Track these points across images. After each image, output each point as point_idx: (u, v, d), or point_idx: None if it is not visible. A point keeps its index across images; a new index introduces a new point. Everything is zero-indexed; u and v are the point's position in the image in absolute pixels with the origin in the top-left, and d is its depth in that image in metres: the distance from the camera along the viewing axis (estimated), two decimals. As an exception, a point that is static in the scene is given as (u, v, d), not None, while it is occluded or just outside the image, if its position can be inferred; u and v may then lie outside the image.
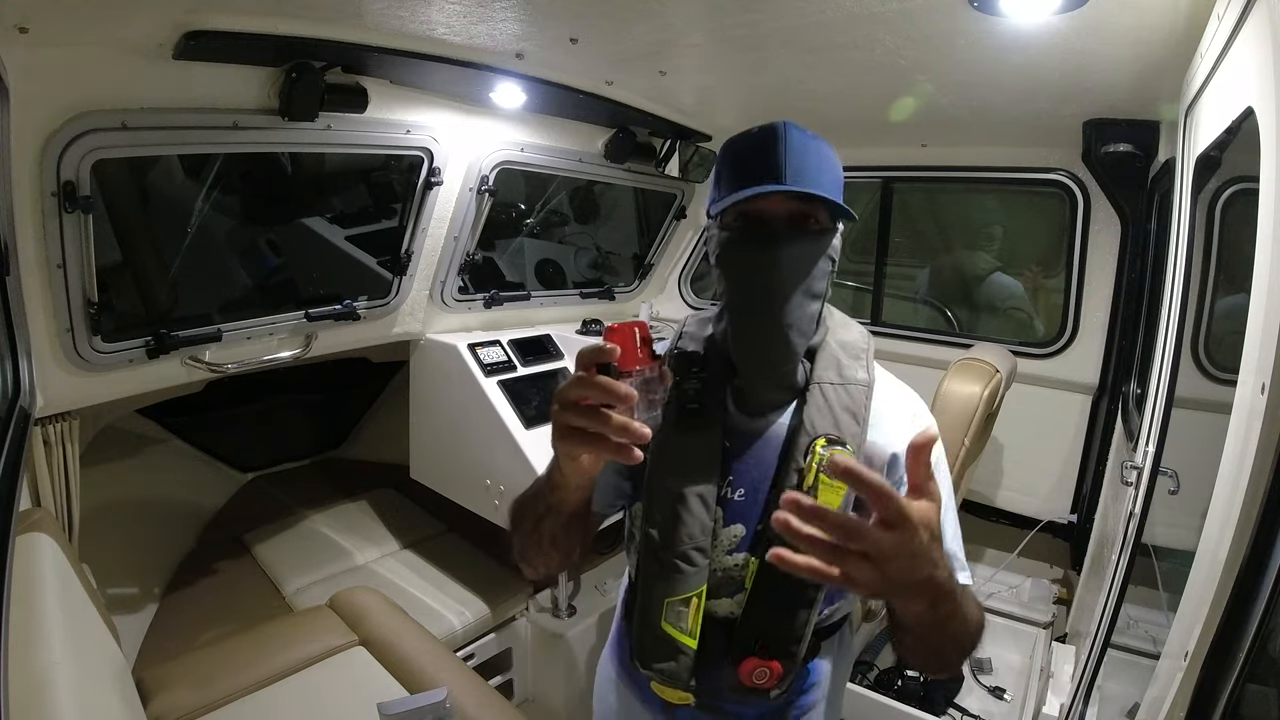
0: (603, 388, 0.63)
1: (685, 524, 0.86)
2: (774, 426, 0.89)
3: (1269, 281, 0.72)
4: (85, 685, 1.03)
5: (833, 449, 0.83)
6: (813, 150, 0.82)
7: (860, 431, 0.86)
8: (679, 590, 0.87)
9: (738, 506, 0.88)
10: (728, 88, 2.11)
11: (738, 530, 0.88)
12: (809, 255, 0.82)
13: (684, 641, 0.87)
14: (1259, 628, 0.63)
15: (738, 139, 0.85)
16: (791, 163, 0.79)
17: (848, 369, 0.90)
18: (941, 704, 2.04)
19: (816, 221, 0.83)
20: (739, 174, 0.81)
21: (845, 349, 0.92)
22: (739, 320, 0.87)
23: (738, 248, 0.84)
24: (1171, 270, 1.45)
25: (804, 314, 0.85)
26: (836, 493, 0.82)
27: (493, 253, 3.09)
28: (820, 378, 0.89)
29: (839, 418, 0.86)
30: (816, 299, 0.86)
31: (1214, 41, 1.06)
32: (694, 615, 0.87)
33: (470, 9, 1.40)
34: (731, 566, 0.88)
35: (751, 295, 0.85)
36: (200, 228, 2.42)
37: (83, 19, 1.26)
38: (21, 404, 1.36)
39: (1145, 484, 1.37)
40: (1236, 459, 0.74)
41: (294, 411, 3.18)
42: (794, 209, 0.81)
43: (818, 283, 0.85)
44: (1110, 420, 2.37)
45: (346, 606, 1.86)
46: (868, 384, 0.90)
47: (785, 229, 0.81)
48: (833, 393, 0.88)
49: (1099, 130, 2.07)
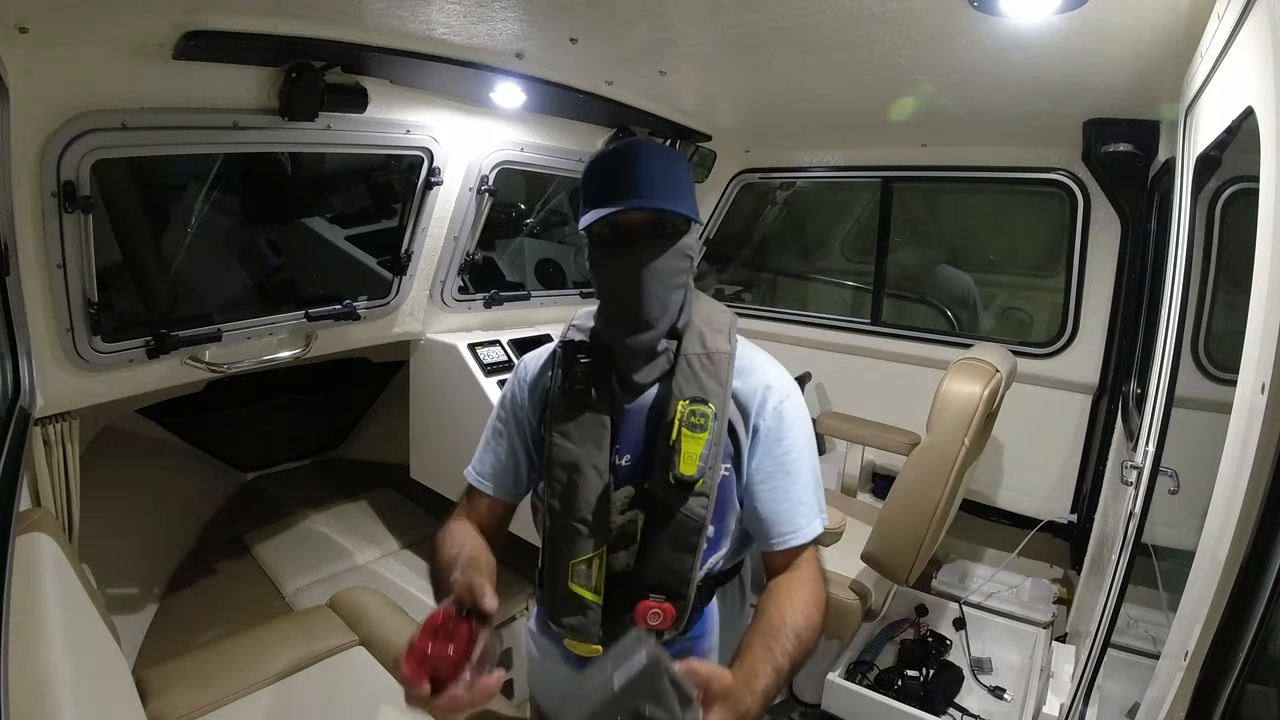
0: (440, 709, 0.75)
1: (582, 491, 0.99)
2: (651, 398, 1.02)
3: (1269, 281, 0.72)
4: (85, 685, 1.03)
5: (695, 405, 0.96)
6: (662, 164, 0.96)
7: (722, 390, 0.98)
8: (581, 552, 0.99)
9: (626, 470, 1.01)
10: (728, 88, 2.11)
11: (628, 491, 1.01)
12: (664, 255, 0.96)
13: (589, 598, 0.99)
14: (1259, 628, 0.63)
15: (599, 160, 0.99)
16: (644, 178, 0.94)
17: (710, 340, 1.02)
18: (941, 704, 2.04)
19: (671, 226, 0.97)
20: (602, 192, 0.95)
21: (708, 324, 1.04)
22: (611, 315, 1.03)
23: (606, 255, 0.99)
24: (1171, 270, 1.45)
25: (665, 304, 0.98)
26: (698, 442, 0.95)
27: (493, 253, 3.08)
28: (686, 350, 1.01)
29: (703, 381, 0.99)
30: (677, 289, 1.00)
31: (1214, 41, 1.06)
32: (597, 573, 0.99)
33: (470, 9, 1.40)
34: (625, 524, 1.00)
35: (620, 294, 0.99)
36: (200, 228, 2.42)
37: (83, 19, 1.26)
38: (21, 404, 1.36)
39: (1145, 484, 1.37)
40: (1236, 459, 0.74)
41: (294, 411, 3.18)
42: (649, 218, 0.96)
43: (676, 277, 0.99)
44: (1110, 420, 2.37)
45: (346, 606, 1.86)
46: (728, 351, 1.02)
47: (643, 236, 0.96)
48: (697, 361, 1.00)
49: (1099, 130, 2.07)
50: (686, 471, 0.94)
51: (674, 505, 0.96)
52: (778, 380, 1.04)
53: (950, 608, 2.49)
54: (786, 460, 1.01)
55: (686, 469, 0.94)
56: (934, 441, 1.85)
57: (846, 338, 3.02)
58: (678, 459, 0.94)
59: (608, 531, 1.00)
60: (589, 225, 0.96)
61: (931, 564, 2.68)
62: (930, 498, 1.81)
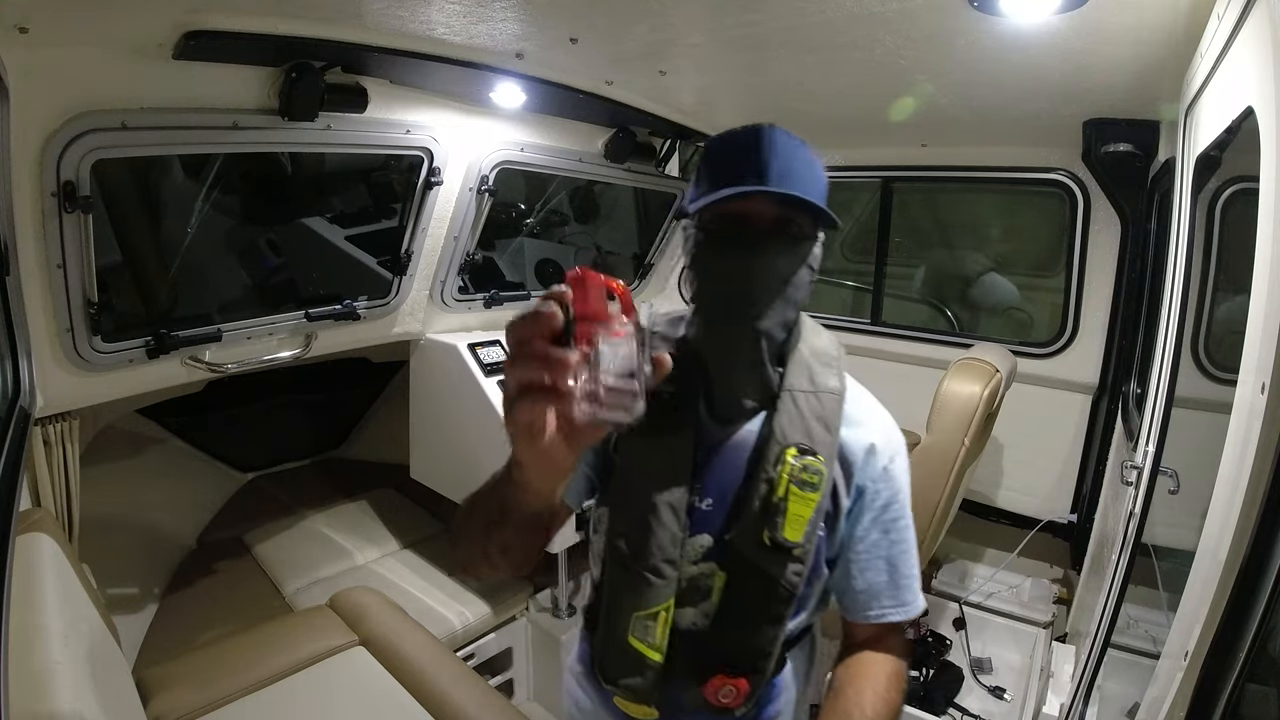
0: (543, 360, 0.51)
1: (655, 535, 0.83)
2: (743, 434, 0.87)
3: (1269, 281, 0.72)
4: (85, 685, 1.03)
5: (804, 459, 0.81)
6: (799, 155, 0.80)
7: (831, 440, 0.84)
8: (647, 604, 0.84)
9: (704, 515, 0.86)
10: (728, 88, 2.11)
11: (704, 540, 0.85)
12: (789, 261, 0.80)
13: (650, 656, 0.84)
14: (1259, 628, 0.63)
15: (721, 138, 0.83)
16: (776, 165, 0.77)
17: (819, 376, 0.87)
18: (941, 704, 2.04)
19: (798, 227, 0.80)
20: (721, 173, 0.79)
21: (817, 356, 0.89)
22: (712, 324, 0.85)
23: (716, 249, 0.81)
24: (1171, 270, 1.45)
25: (780, 321, 0.83)
26: (807, 504, 0.81)
27: (493, 252, 3.09)
28: (792, 385, 0.86)
29: (810, 426, 0.84)
30: (794, 306, 0.84)
31: (1214, 41, 1.06)
32: (661, 628, 0.84)
33: (470, 9, 1.39)
34: (697, 576, 0.85)
35: (728, 299, 0.82)
36: (200, 228, 2.42)
37: (83, 19, 1.26)
38: (21, 404, 1.36)
39: (1145, 484, 1.37)
40: (1236, 459, 0.74)
41: (294, 411, 3.18)
42: (776, 213, 0.79)
43: (796, 290, 0.82)
44: (1110, 420, 2.37)
45: (346, 606, 1.86)
46: (839, 391, 0.88)
47: (766, 232, 0.79)
48: (804, 400, 0.85)
49: (1099, 130, 2.07)
50: (792, 538, 0.81)
51: (766, 571, 0.82)
52: (888, 433, 0.90)
53: (950, 608, 2.49)
54: (894, 529, 0.88)
55: (792, 534, 0.81)
56: (934, 441, 1.85)
57: (846, 338, 2.98)
58: (782, 521, 0.80)
59: (678, 583, 0.85)
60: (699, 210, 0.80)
61: (931, 564, 2.68)
62: (930, 498, 1.81)
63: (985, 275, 3.29)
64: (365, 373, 3.18)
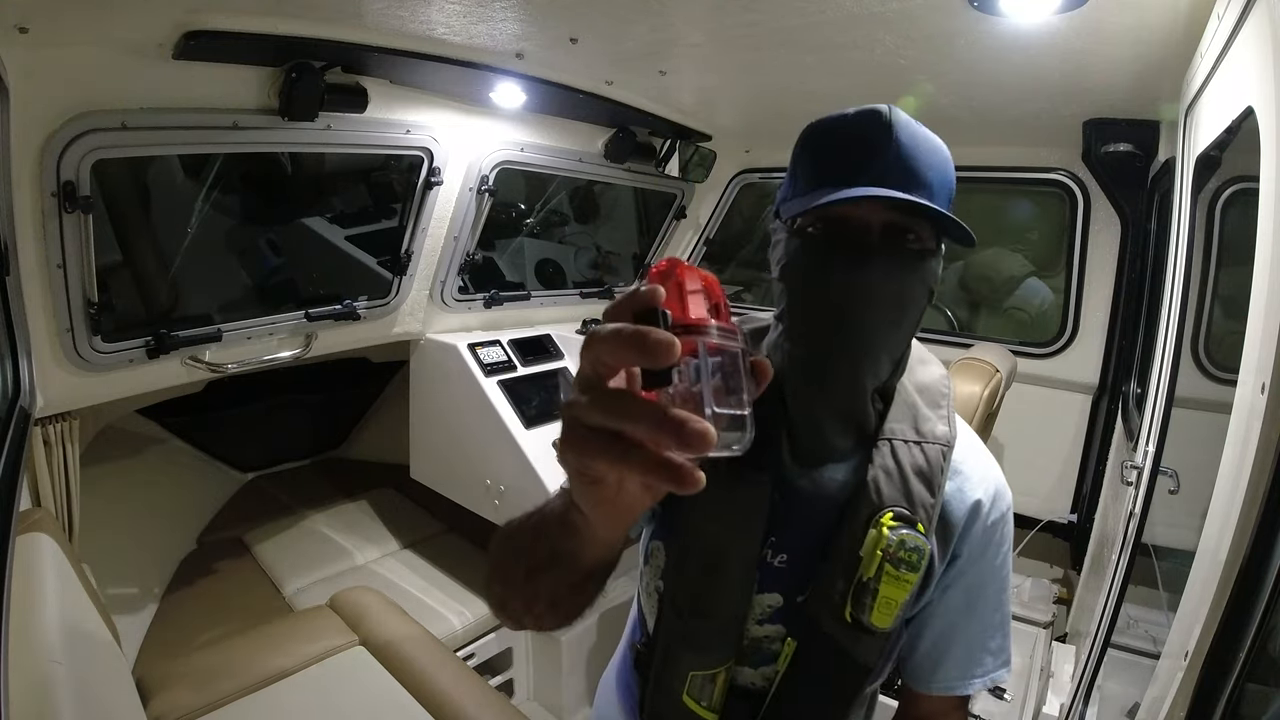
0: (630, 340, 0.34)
1: (722, 589, 0.72)
2: (830, 484, 0.73)
3: (1269, 281, 0.72)
4: (85, 685, 1.03)
5: (902, 531, 0.68)
6: (924, 148, 0.66)
7: (935, 502, 0.71)
8: (708, 663, 0.74)
9: (776, 573, 0.74)
10: (728, 88, 2.11)
11: (773, 599, 0.74)
12: (906, 280, 0.66)
13: (704, 716, 0.75)
14: (1259, 628, 0.63)
15: (828, 123, 0.68)
16: (898, 163, 0.63)
17: (926, 422, 0.73)
18: (941, 704, 2.04)
19: (918, 238, 0.66)
20: (827, 169, 0.65)
21: (924, 394, 0.75)
22: (805, 350, 0.70)
23: (817, 261, 0.66)
24: (1171, 270, 1.45)
25: (888, 352, 0.70)
26: (902, 587, 0.67)
27: (493, 253, 3.09)
28: (892, 431, 0.72)
29: (911, 485, 0.70)
30: (905, 334, 0.71)
31: (1214, 41, 1.06)
32: (719, 690, 0.75)
33: (470, 9, 1.39)
34: (761, 638, 0.75)
35: (827, 322, 0.67)
36: (200, 227, 2.42)
37: (83, 19, 1.26)
38: (21, 404, 1.36)
39: (1145, 484, 1.37)
40: (1236, 459, 0.74)
41: (294, 411, 3.18)
42: (892, 220, 0.65)
43: (910, 315, 0.68)
44: (1110, 420, 2.37)
45: (346, 606, 1.86)
46: (949, 441, 0.73)
47: (880, 244, 0.65)
48: (905, 452, 0.71)
49: (1099, 130, 2.07)
50: (880, 624, 0.68)
51: (843, 648, 0.71)
52: (995, 488, 0.76)
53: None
54: (975, 591, 0.75)
55: (880, 620, 0.68)
56: (934, 441, 1.84)
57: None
58: (870, 603, 0.67)
59: (741, 642, 0.75)
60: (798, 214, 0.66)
61: (931, 564, 2.67)
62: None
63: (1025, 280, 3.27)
64: (365, 373, 3.18)
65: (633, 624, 0.90)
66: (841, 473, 0.74)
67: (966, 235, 0.65)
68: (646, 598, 0.82)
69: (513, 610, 0.65)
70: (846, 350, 0.68)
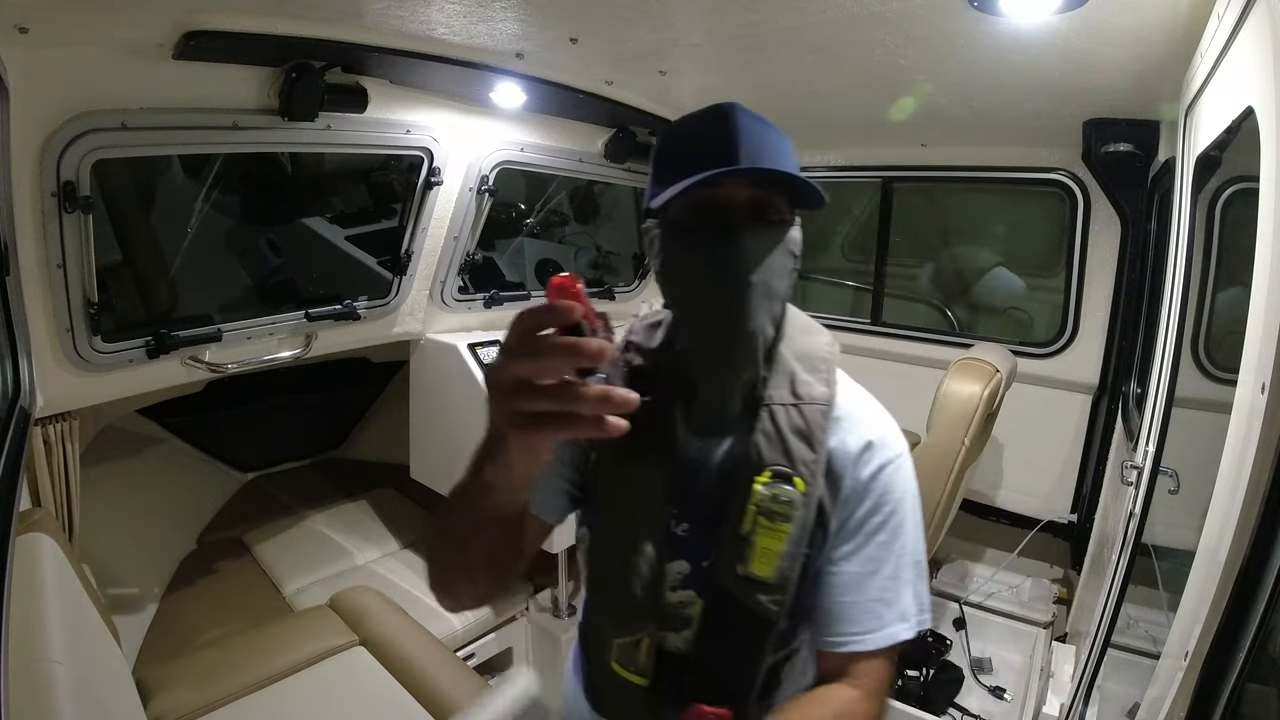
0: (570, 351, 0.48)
1: (633, 563, 0.78)
2: (723, 452, 0.79)
3: (1269, 281, 0.72)
4: (85, 685, 1.03)
5: (778, 486, 0.74)
6: (769, 133, 0.73)
7: (815, 457, 0.75)
8: (628, 630, 0.81)
9: (682, 541, 0.80)
10: (728, 88, 2.11)
11: (681, 566, 0.80)
12: (772, 247, 0.73)
13: (635, 681, 0.81)
14: (1259, 628, 0.63)
15: (680, 123, 0.77)
16: (745, 144, 0.70)
17: (803, 385, 0.78)
18: (941, 704, 2.04)
19: (777, 211, 0.73)
20: (686, 161, 0.71)
21: (803, 360, 0.81)
22: (697, 328, 0.77)
23: (690, 243, 0.73)
24: (1171, 270, 1.45)
25: (768, 317, 0.75)
26: (778, 537, 0.74)
27: (493, 253, 3.09)
28: (771, 397, 0.78)
29: (790, 444, 0.76)
30: (778, 299, 0.76)
31: (1214, 41, 1.06)
32: (645, 653, 0.80)
33: (470, 9, 1.39)
34: (677, 604, 0.81)
35: (709, 299, 0.73)
36: (200, 227, 2.42)
37: (83, 19, 1.26)
38: (21, 404, 1.36)
39: (1145, 484, 1.37)
40: (1236, 459, 0.74)
41: (294, 411, 3.18)
42: (753, 196, 0.72)
43: (779, 280, 0.75)
44: (1110, 420, 2.37)
45: (346, 606, 1.86)
46: (827, 400, 0.78)
47: (745, 219, 0.71)
48: (783, 415, 0.77)
49: (1099, 130, 2.07)
50: (761, 573, 0.74)
51: (742, 602, 0.76)
52: (884, 435, 0.79)
53: (950, 608, 2.49)
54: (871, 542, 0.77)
55: (760, 569, 0.74)
56: (934, 441, 1.85)
57: (846, 338, 2.99)
58: (750, 554, 0.74)
59: (659, 610, 0.80)
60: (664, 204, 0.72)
61: (931, 564, 2.68)
62: (930, 498, 1.81)
63: (992, 270, 3.28)
64: (365, 373, 3.18)
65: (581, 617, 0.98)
66: (729, 442, 0.79)
67: (818, 197, 0.72)
68: (584, 585, 0.89)
69: (453, 581, 0.76)
70: (729, 320, 0.73)
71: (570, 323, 0.50)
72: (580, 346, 0.48)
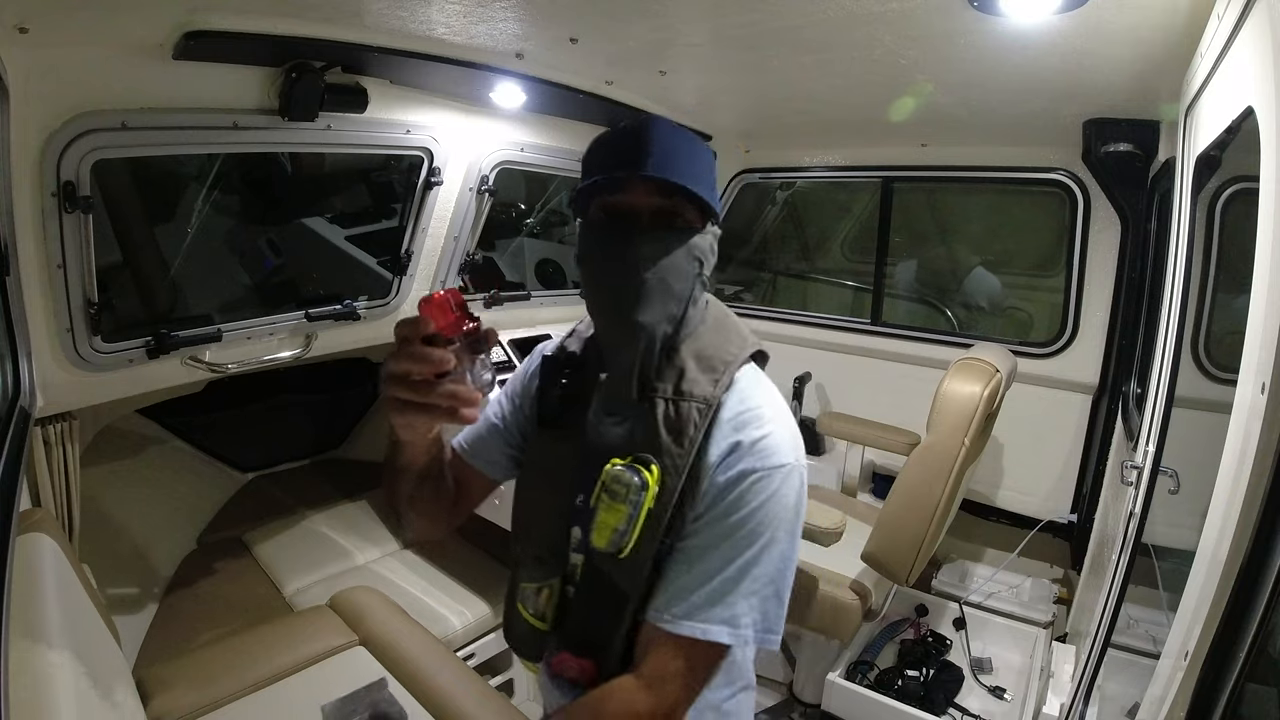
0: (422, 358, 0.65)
1: (539, 527, 0.93)
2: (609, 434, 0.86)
3: (1269, 281, 0.72)
4: (85, 685, 1.03)
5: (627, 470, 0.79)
6: (683, 145, 0.80)
7: (681, 451, 0.79)
8: (531, 579, 0.92)
9: (578, 510, 0.88)
10: (728, 88, 2.11)
11: (578, 532, 0.90)
12: (669, 251, 0.79)
13: (532, 622, 0.92)
14: (1259, 628, 0.63)
15: (607, 134, 0.85)
16: (655, 154, 0.77)
17: (690, 383, 0.82)
18: (941, 704, 2.04)
19: (683, 219, 0.81)
20: (604, 164, 0.81)
21: (699, 359, 0.84)
22: (598, 319, 0.88)
23: (598, 241, 0.83)
24: (1171, 270, 1.45)
25: (662, 315, 0.81)
26: (615, 513, 0.79)
27: (493, 253, 3.09)
28: (655, 389, 0.83)
29: (660, 435, 0.81)
30: (677, 300, 0.81)
31: (1214, 41, 1.06)
32: (546, 602, 0.91)
33: (470, 9, 1.40)
34: (576, 564, 0.91)
35: (607, 292, 0.83)
36: (200, 228, 2.42)
37: (83, 19, 1.26)
38: (21, 404, 1.36)
39: (1145, 484, 1.37)
40: (1236, 459, 0.74)
41: (294, 411, 3.18)
42: (658, 204, 0.79)
43: (679, 283, 0.81)
44: (1110, 420, 2.37)
45: (346, 606, 1.86)
46: (708, 399, 0.81)
47: (647, 224, 0.79)
48: (661, 407, 0.82)
49: (1099, 130, 2.07)
50: (597, 543, 0.81)
51: (599, 567, 0.85)
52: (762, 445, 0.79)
53: (950, 608, 2.49)
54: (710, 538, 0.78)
55: (597, 540, 0.81)
56: (934, 441, 1.85)
57: (846, 337, 3.02)
58: (592, 525, 0.81)
59: (560, 566, 0.91)
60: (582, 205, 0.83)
61: (931, 564, 2.68)
62: (930, 498, 1.81)
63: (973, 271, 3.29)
64: (365, 373, 3.18)
65: None
66: (621, 425, 0.86)
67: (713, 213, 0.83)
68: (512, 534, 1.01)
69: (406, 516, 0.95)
70: (622, 313, 0.81)
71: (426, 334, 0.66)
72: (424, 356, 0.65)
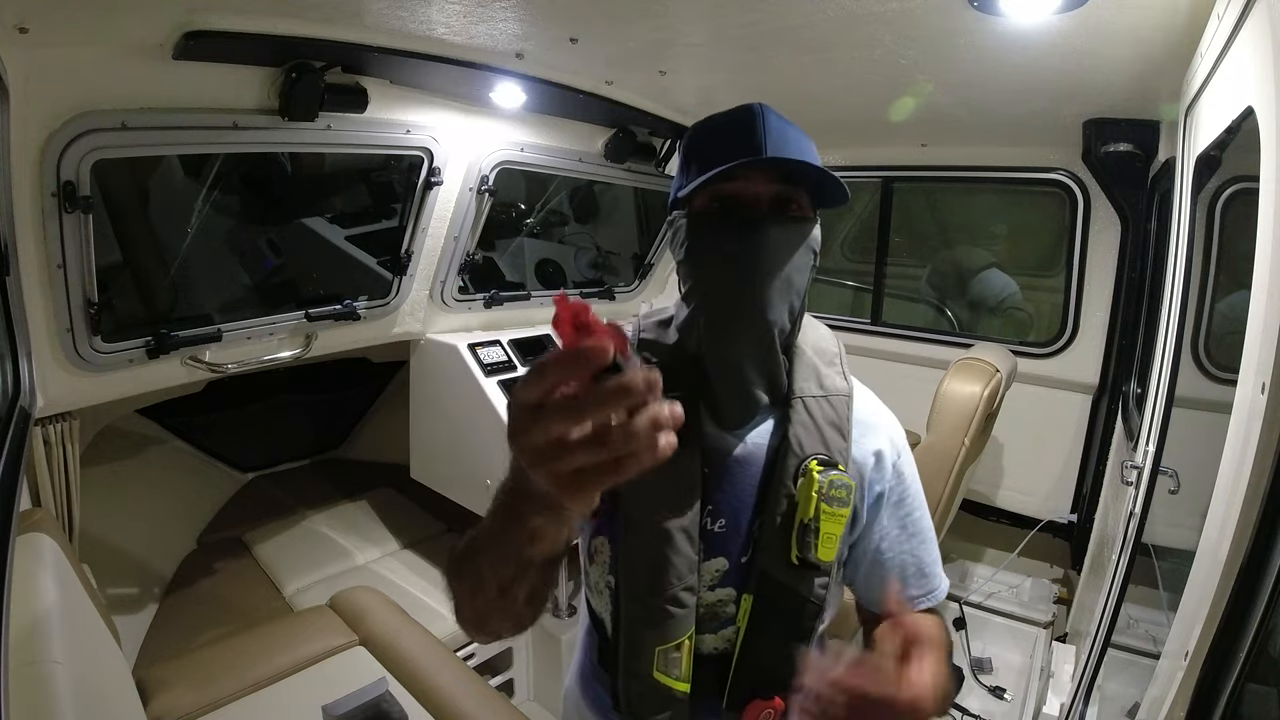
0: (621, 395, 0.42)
1: (672, 564, 0.77)
2: (752, 446, 0.80)
3: (1269, 281, 0.72)
4: (85, 685, 1.03)
5: (830, 473, 0.76)
6: (791, 128, 0.75)
7: (847, 446, 0.80)
8: (671, 636, 0.78)
9: (718, 538, 0.79)
10: (728, 88, 2.11)
11: (720, 564, 0.80)
12: (793, 243, 0.74)
13: (679, 689, 0.79)
14: (1259, 628, 0.63)
15: (709, 119, 0.78)
16: (772, 138, 0.71)
17: (827, 378, 0.82)
18: (941, 704, 2.04)
19: (799, 207, 0.76)
20: (713, 154, 0.72)
21: (820, 355, 0.84)
22: (716, 320, 0.77)
23: (714, 235, 0.75)
24: (1171, 270, 1.45)
25: (787, 310, 0.76)
26: (839, 521, 0.76)
27: (493, 253, 3.09)
28: (802, 390, 0.80)
29: (826, 435, 0.79)
30: (798, 295, 0.77)
31: (1214, 41, 1.06)
32: (686, 659, 0.79)
33: (470, 9, 1.39)
34: (714, 603, 0.80)
35: (732, 290, 0.74)
36: (200, 228, 2.42)
37: (83, 19, 1.26)
38: (21, 404, 1.36)
39: (1145, 484, 1.37)
40: (1236, 459, 0.74)
41: (294, 411, 3.18)
42: (776, 191, 0.74)
43: (800, 276, 0.76)
44: (1110, 420, 2.37)
45: (346, 606, 1.86)
46: (848, 393, 0.82)
47: (769, 213, 0.74)
48: (816, 406, 0.80)
49: (1099, 130, 2.07)
50: (825, 558, 0.76)
51: (796, 590, 0.78)
52: (893, 431, 0.86)
53: (950, 608, 2.49)
54: (909, 522, 0.85)
55: (825, 554, 0.76)
56: (934, 441, 1.85)
57: (846, 337, 2.97)
58: (814, 541, 0.75)
59: (698, 611, 0.80)
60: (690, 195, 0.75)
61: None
62: (930, 498, 1.80)
63: (986, 270, 3.28)
64: (365, 373, 3.18)
65: (586, 631, 0.95)
66: (761, 434, 0.80)
67: (843, 194, 0.75)
68: (596, 596, 0.86)
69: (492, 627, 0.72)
70: (752, 311, 0.74)
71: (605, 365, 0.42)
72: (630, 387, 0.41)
